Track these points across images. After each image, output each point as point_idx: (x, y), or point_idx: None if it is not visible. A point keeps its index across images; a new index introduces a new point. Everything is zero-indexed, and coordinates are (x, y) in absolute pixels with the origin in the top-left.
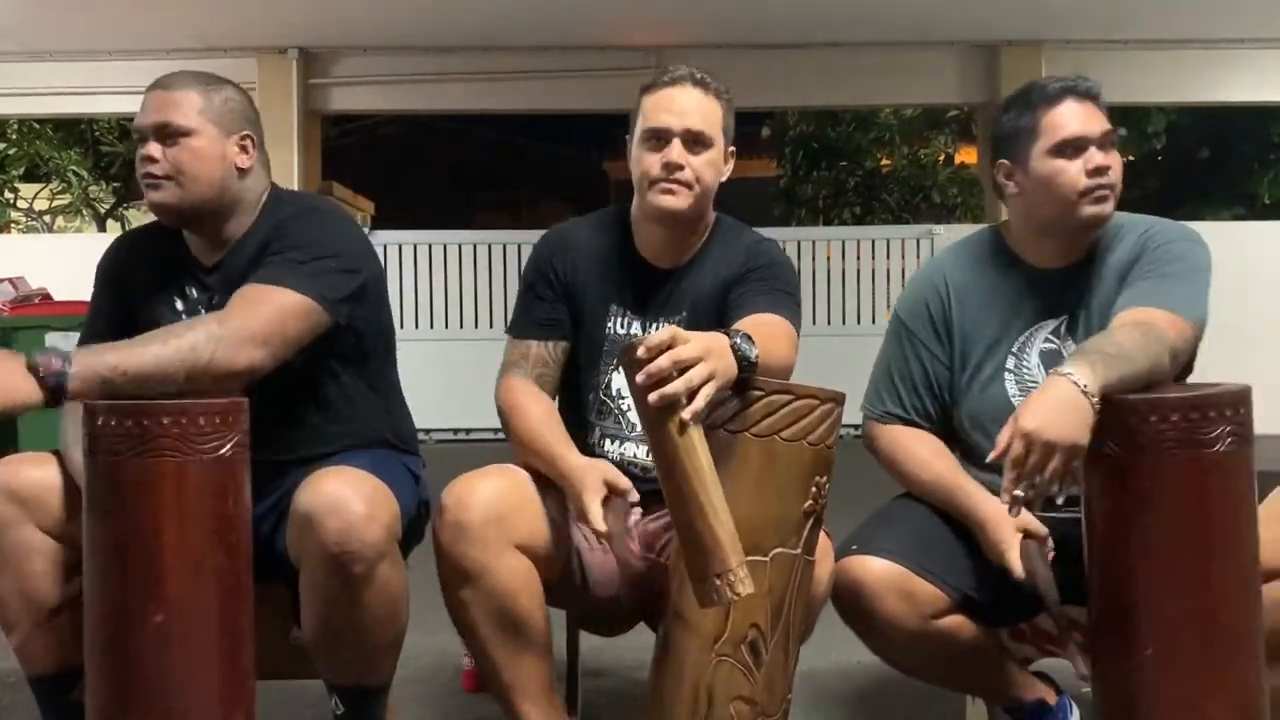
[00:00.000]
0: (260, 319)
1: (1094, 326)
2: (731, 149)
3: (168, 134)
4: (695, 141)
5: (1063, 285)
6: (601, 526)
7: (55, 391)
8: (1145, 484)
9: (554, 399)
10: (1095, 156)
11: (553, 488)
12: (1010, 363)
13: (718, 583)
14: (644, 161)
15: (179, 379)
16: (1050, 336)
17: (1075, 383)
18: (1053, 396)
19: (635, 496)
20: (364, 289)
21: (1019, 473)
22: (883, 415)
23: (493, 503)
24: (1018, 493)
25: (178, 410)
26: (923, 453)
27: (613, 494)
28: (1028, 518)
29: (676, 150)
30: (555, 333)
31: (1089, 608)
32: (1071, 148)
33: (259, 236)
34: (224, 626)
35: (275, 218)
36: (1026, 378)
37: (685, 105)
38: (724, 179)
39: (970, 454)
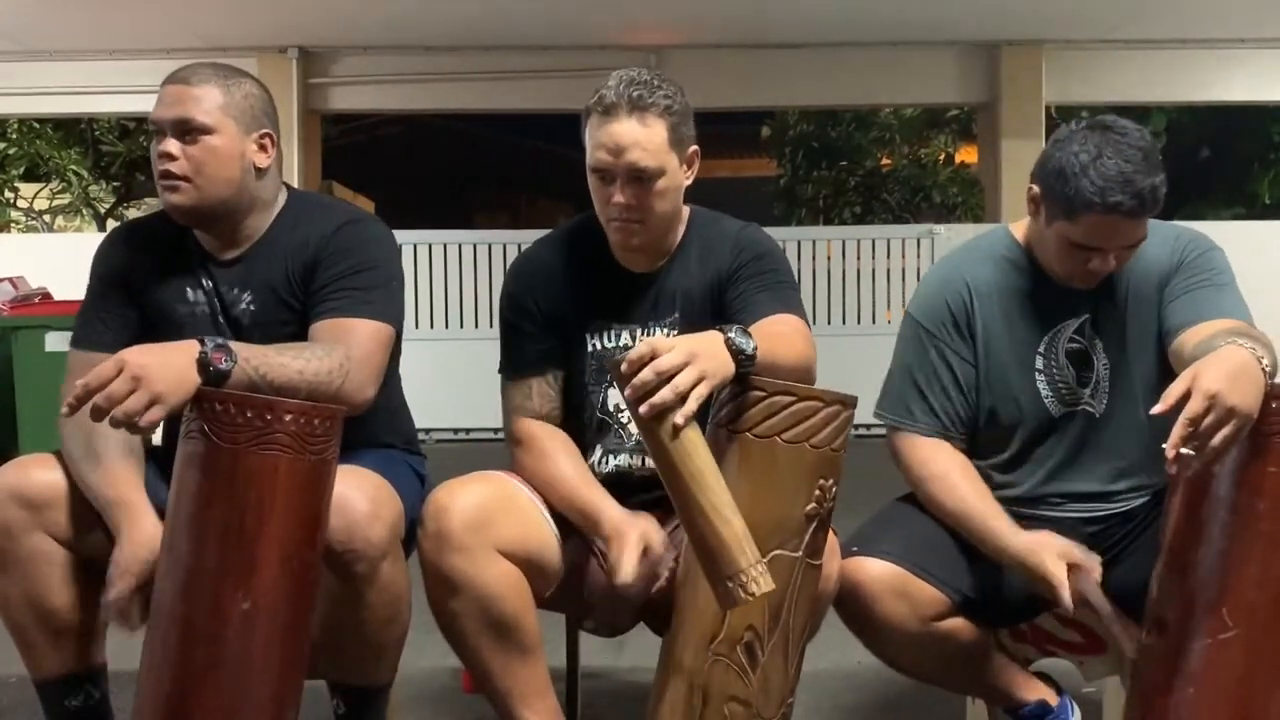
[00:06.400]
0: (376, 358)
1: (1124, 325)
2: (694, 149)
3: (187, 130)
4: (639, 177)
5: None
6: (630, 581)
7: (213, 383)
8: (1271, 468)
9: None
10: (1097, 262)
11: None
12: (1039, 363)
13: (730, 585)
14: (595, 194)
15: (303, 395)
16: (1075, 335)
17: (1257, 357)
18: (1235, 363)
19: (669, 564)
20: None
21: (1194, 431)
22: (912, 425)
23: (473, 509)
24: (1186, 451)
25: (298, 410)
26: (951, 477)
27: (648, 552)
28: (1069, 545)
29: (621, 193)
30: (551, 365)
31: (1160, 584)
32: (1083, 247)
33: (289, 241)
34: (295, 622)
35: (314, 227)
36: (1057, 378)
37: (623, 142)
38: (689, 181)
39: (983, 453)
